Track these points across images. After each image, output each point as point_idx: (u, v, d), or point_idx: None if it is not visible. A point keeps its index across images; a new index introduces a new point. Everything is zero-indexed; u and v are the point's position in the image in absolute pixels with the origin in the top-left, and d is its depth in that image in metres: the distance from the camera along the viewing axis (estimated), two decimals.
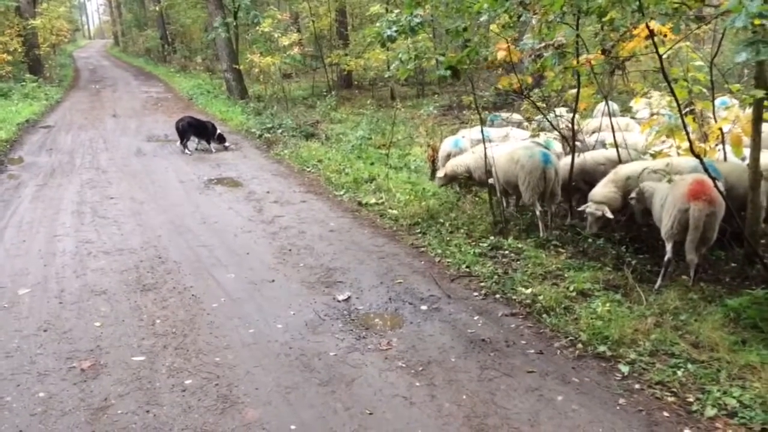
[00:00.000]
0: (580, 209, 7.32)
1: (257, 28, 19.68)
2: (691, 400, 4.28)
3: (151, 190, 10.39)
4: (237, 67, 21.18)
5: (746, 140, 6.20)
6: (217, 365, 4.87)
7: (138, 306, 5.94)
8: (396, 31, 7.38)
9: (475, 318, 5.67)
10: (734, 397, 4.19)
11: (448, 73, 7.13)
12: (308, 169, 11.83)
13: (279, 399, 4.43)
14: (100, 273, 6.77)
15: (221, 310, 5.85)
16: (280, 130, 15.23)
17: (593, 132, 9.44)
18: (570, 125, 8.14)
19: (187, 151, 13.49)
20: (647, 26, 5.51)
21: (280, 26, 19.67)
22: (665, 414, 4.18)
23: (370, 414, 4.24)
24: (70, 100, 22.63)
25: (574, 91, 7.90)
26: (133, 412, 4.26)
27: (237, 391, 4.51)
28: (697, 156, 5.76)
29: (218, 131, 14.08)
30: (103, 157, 13.09)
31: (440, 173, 9.79)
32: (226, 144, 14.03)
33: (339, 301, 6.05)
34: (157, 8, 35.42)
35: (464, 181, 9.60)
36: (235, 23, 21.32)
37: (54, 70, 29.78)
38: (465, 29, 7.18)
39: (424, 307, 5.90)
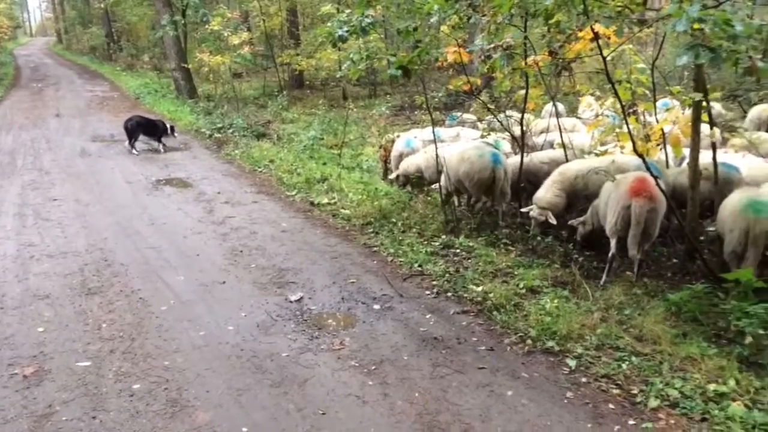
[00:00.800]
0: (523, 211, 7.46)
1: (206, 26, 19.38)
2: (635, 392, 4.41)
3: (96, 191, 10.12)
4: (186, 66, 20.81)
5: (685, 141, 6.43)
6: (166, 369, 4.79)
7: (83, 310, 5.78)
8: (347, 32, 7.38)
9: (427, 316, 5.71)
10: (676, 388, 4.34)
11: (399, 72, 7.17)
12: (260, 170, 11.72)
13: (230, 401, 4.38)
14: (43, 277, 6.56)
15: (170, 313, 5.75)
16: (230, 130, 15.04)
17: (541, 132, 9.64)
18: (519, 125, 8.29)
19: (134, 151, 13.19)
20: (592, 29, 5.66)
21: (230, 25, 19.39)
22: (611, 406, 4.29)
23: (323, 414, 4.23)
24: (10, 99, 21.84)
25: (523, 91, 8.05)
26: (78, 419, 4.15)
27: (187, 395, 4.44)
28: (640, 155, 5.94)
29: (168, 125, 13.93)
30: (46, 157, 12.69)
31: (392, 175, 9.84)
32: (176, 134, 13.94)
33: (291, 302, 6.01)
34: (102, 5, 34.42)
35: (416, 180, 9.67)
36: (183, 21, 20.93)
37: None
38: (416, 29, 7.23)
39: (376, 307, 5.92)
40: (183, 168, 11.91)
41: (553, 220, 7.04)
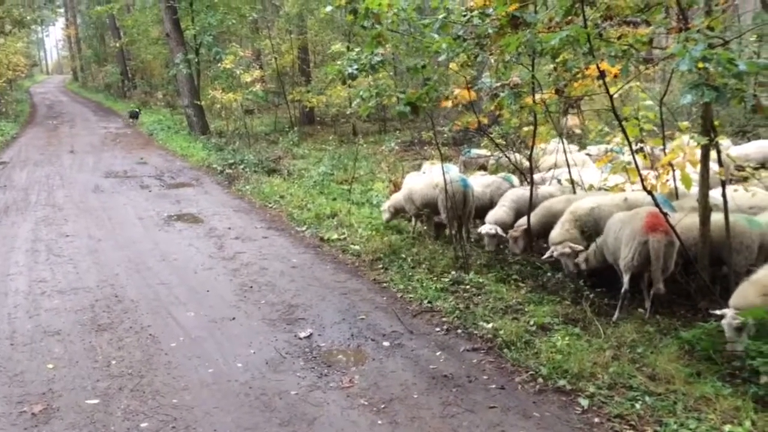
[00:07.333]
0: (545, 258, 7.30)
1: (219, 64, 19.73)
2: None
3: (108, 227, 10.21)
4: (198, 102, 21.13)
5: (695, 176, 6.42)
6: (174, 407, 4.77)
7: (93, 347, 5.79)
8: (357, 69, 7.49)
9: (438, 353, 5.67)
10: (690, 429, 4.27)
11: (408, 109, 7.24)
12: (270, 205, 11.79)
13: None
14: (53, 313, 6.59)
15: (180, 350, 5.75)
16: (241, 166, 15.18)
17: (549, 168, 9.66)
18: (527, 161, 8.35)
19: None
20: (597, 67, 5.72)
21: (243, 63, 19.73)
22: None
23: None
24: (26, 136, 22.22)
25: (531, 128, 8.11)
26: None
27: None
28: (649, 192, 5.95)
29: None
30: (60, 193, 12.84)
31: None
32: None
33: (301, 339, 6.00)
34: (118, 44, 35.22)
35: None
36: (196, 59, 21.32)
37: (10, 105, 29.25)
38: (424, 67, 7.33)
39: (386, 343, 5.89)
40: (194, 203, 12.01)
41: (579, 247, 6.96)
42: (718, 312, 5.12)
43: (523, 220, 7.96)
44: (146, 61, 33.89)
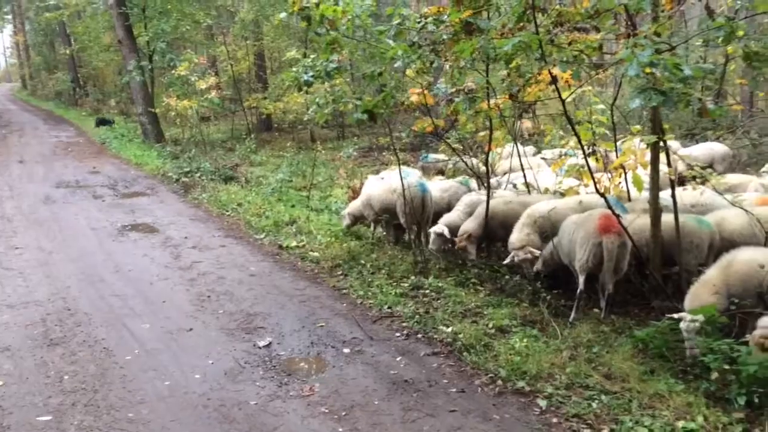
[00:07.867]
0: (506, 262, 7.39)
1: (173, 71, 19.42)
2: (605, 431, 4.42)
3: (60, 238, 9.93)
4: (153, 110, 20.75)
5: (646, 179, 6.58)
6: (130, 421, 4.66)
7: (44, 362, 5.62)
8: (312, 76, 7.46)
9: (398, 359, 5.68)
10: (646, 427, 4.36)
11: (365, 116, 7.26)
12: (228, 213, 11.64)
13: None
14: (3, 328, 6.37)
15: (135, 363, 5.62)
16: (198, 174, 14.94)
17: (505, 173, 9.79)
18: (484, 165, 8.44)
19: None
20: (549, 72, 5.82)
21: (198, 70, 19.47)
22: None
23: None
24: None
25: (487, 132, 8.20)
26: None
27: None
28: (602, 194, 6.07)
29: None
30: (8, 205, 12.43)
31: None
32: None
33: (260, 348, 5.93)
34: (68, 51, 34.37)
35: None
36: (150, 66, 20.95)
37: None
38: (380, 74, 7.35)
39: (346, 350, 5.87)
40: (149, 213, 11.76)
41: (537, 252, 7.06)
42: (675, 316, 5.25)
43: (464, 227, 8.03)
44: (98, 68, 33.07)
